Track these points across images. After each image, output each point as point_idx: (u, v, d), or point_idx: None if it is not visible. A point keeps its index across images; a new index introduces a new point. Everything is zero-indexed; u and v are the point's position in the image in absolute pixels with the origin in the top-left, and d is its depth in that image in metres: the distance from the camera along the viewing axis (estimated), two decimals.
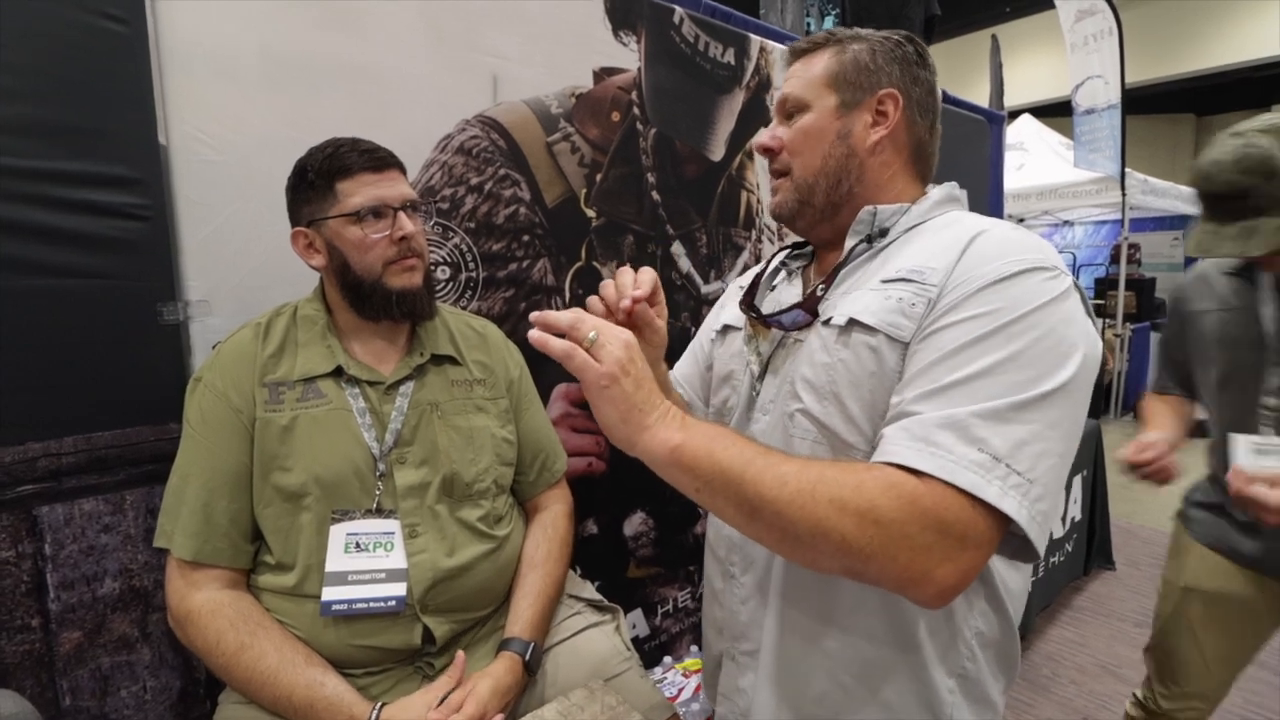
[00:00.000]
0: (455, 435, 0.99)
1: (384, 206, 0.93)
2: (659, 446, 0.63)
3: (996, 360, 0.59)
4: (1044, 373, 0.59)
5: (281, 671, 0.83)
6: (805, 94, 0.81)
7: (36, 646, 0.95)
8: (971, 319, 0.62)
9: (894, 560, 0.56)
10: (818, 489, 0.58)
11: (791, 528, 0.58)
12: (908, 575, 0.57)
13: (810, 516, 0.57)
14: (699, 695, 1.64)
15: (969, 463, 0.56)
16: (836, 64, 0.80)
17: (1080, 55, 4.69)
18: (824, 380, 0.73)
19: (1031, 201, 5.90)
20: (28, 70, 0.92)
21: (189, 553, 0.86)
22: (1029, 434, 0.58)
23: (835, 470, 0.59)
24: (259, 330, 0.95)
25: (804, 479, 0.58)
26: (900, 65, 0.80)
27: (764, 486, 0.59)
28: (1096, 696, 2.04)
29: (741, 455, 0.61)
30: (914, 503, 0.56)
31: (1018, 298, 0.61)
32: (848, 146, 0.80)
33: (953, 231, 0.72)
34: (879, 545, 0.56)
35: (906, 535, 0.56)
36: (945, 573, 0.56)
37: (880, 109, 0.79)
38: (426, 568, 0.92)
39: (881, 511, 0.56)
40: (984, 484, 0.56)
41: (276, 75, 1.13)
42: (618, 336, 0.64)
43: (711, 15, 1.81)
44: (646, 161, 1.69)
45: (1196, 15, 7.60)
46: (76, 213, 0.97)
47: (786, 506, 0.58)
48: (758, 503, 0.59)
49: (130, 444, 1.02)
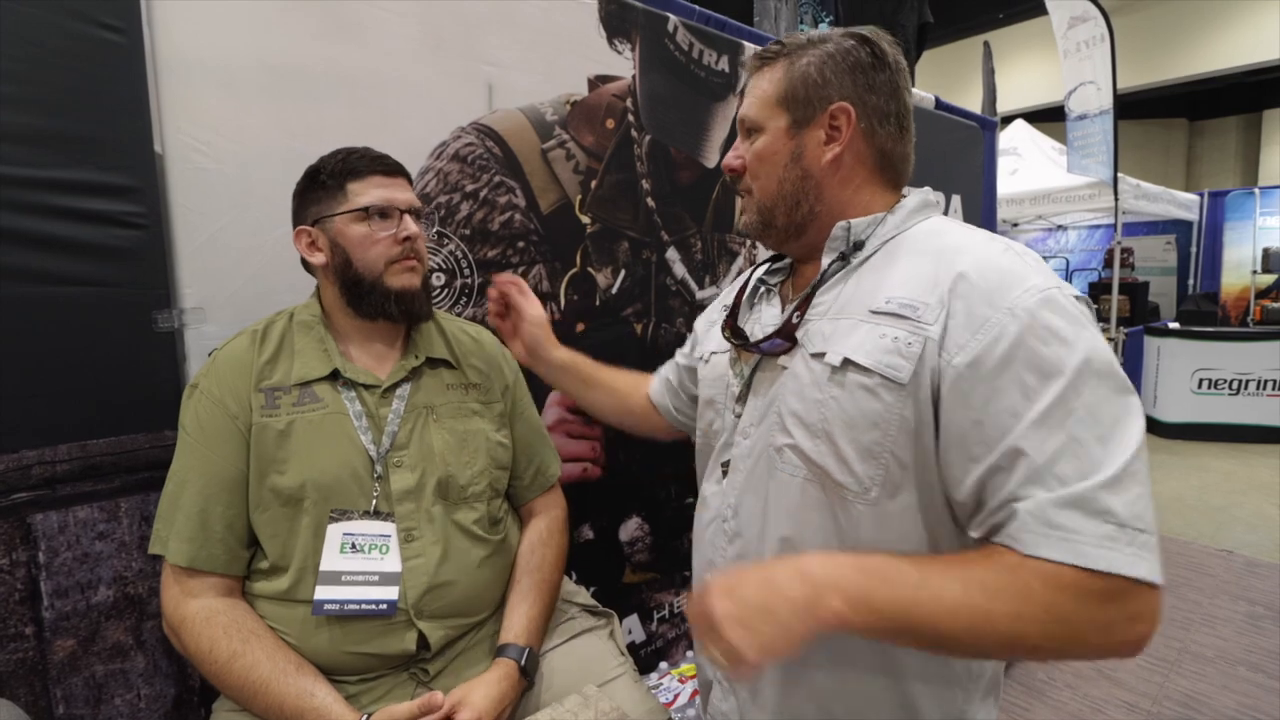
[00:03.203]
0: (450, 438, 1.00)
1: (391, 207, 0.95)
2: (831, 621, 0.60)
3: (1079, 421, 0.60)
4: (1120, 414, 0.61)
5: (273, 681, 0.83)
6: (759, 115, 0.80)
7: (30, 654, 0.95)
8: (1025, 383, 0.61)
9: (1085, 645, 0.58)
10: (991, 609, 0.58)
11: (978, 648, 0.61)
12: (1102, 652, 0.58)
13: (994, 636, 0.58)
14: (694, 701, 1.64)
15: (1100, 539, 0.57)
16: (786, 81, 0.78)
17: (1073, 61, 4.72)
18: (816, 418, 0.72)
19: (1025, 206, 5.92)
20: (24, 79, 0.93)
21: (184, 559, 0.86)
22: (1136, 483, 0.59)
23: (990, 577, 0.59)
24: (255, 337, 0.95)
25: (972, 602, 0.58)
26: (852, 74, 0.77)
27: (940, 627, 0.59)
28: (1091, 700, 2.04)
29: (897, 598, 0.60)
30: (1080, 589, 0.57)
31: (1058, 347, 0.61)
32: (801, 168, 0.78)
33: (935, 254, 0.72)
34: (1068, 640, 0.57)
35: (1087, 620, 0.57)
36: (1134, 633, 0.58)
37: (833, 124, 0.77)
38: (421, 572, 0.92)
39: (1059, 609, 0.57)
40: (1118, 558, 0.57)
41: (272, 84, 1.13)
42: (715, 622, 0.59)
43: (705, 23, 1.83)
44: (641, 168, 1.70)
45: (1189, 20, 7.67)
46: (72, 221, 0.97)
47: (968, 636, 0.58)
48: (938, 641, 0.60)
49: (125, 451, 1.02)
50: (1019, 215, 6.16)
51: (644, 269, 1.73)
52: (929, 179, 0.84)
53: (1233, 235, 7.28)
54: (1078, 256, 8.27)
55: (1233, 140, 10.54)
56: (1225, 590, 2.72)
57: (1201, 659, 2.25)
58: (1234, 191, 7.45)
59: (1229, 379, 4.97)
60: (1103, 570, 0.56)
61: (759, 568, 0.64)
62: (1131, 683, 2.12)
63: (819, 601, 0.59)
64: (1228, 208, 7.31)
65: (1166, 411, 5.15)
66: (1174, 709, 1.99)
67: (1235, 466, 4.39)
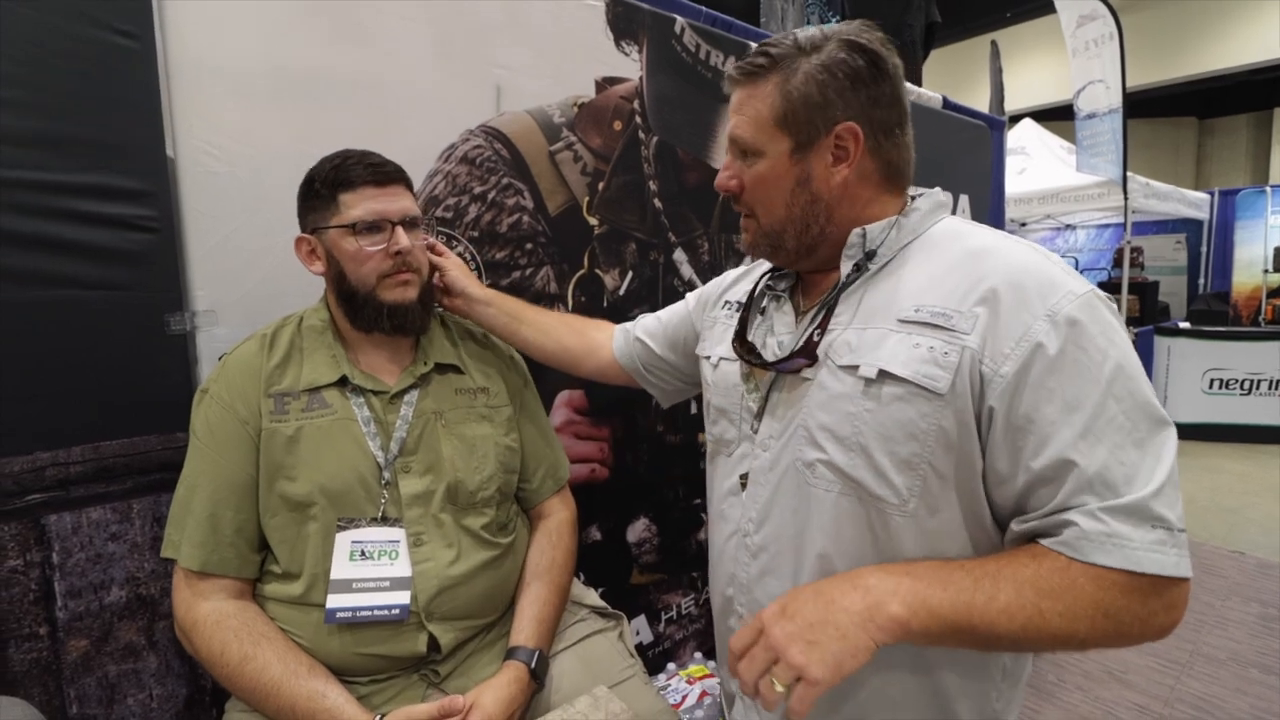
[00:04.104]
0: (459, 444, 1.00)
1: (381, 220, 0.94)
2: (893, 630, 0.61)
3: (1119, 429, 0.62)
4: (1155, 417, 0.63)
5: (284, 683, 0.83)
6: (755, 139, 0.76)
7: (44, 654, 0.96)
8: (1070, 392, 0.63)
9: (1127, 635, 0.62)
10: (1043, 607, 0.60)
11: (1031, 645, 0.63)
12: (1140, 639, 0.62)
13: (1047, 634, 0.60)
14: (703, 702, 1.64)
15: (1151, 544, 0.60)
16: (784, 101, 0.74)
17: (1082, 60, 4.69)
18: (849, 430, 0.72)
19: (1033, 206, 5.89)
20: (37, 83, 0.93)
21: (196, 563, 0.87)
22: (1176, 488, 0.63)
23: (1042, 578, 0.61)
24: (264, 341, 0.96)
25: (1024, 603, 0.60)
26: (854, 89, 0.73)
27: (996, 627, 0.61)
28: (1102, 702, 2.03)
29: (955, 601, 0.61)
30: (1127, 589, 0.60)
31: (1097, 354, 0.63)
32: (810, 192, 0.76)
33: (960, 258, 0.71)
34: (1113, 632, 0.61)
35: (1132, 614, 0.60)
36: (1170, 619, 0.62)
37: (840, 145, 0.74)
38: (431, 576, 0.93)
39: (1107, 606, 0.60)
40: (1167, 560, 0.60)
41: (283, 88, 1.14)
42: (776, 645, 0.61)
43: (712, 24, 1.82)
44: (648, 170, 1.70)
45: (1198, 18, 7.61)
46: (84, 224, 0.98)
47: (1022, 634, 0.60)
48: (992, 640, 0.62)
49: (138, 453, 1.03)
50: (1027, 215, 6.13)
51: (651, 270, 1.73)
52: (937, 179, 0.82)
53: (1244, 234, 7.22)
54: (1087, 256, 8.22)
55: (1243, 138, 10.46)
56: (1237, 592, 2.70)
57: (1214, 661, 2.23)
58: (1245, 190, 7.39)
59: (1240, 379, 4.93)
60: (1153, 573, 0.60)
61: (810, 586, 0.65)
62: (1143, 685, 2.11)
63: (879, 609, 0.61)
64: (1238, 206, 7.25)
65: (1177, 412, 5.11)
66: (1186, 711, 1.98)
67: (1249, 468, 4.36)
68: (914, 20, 2.89)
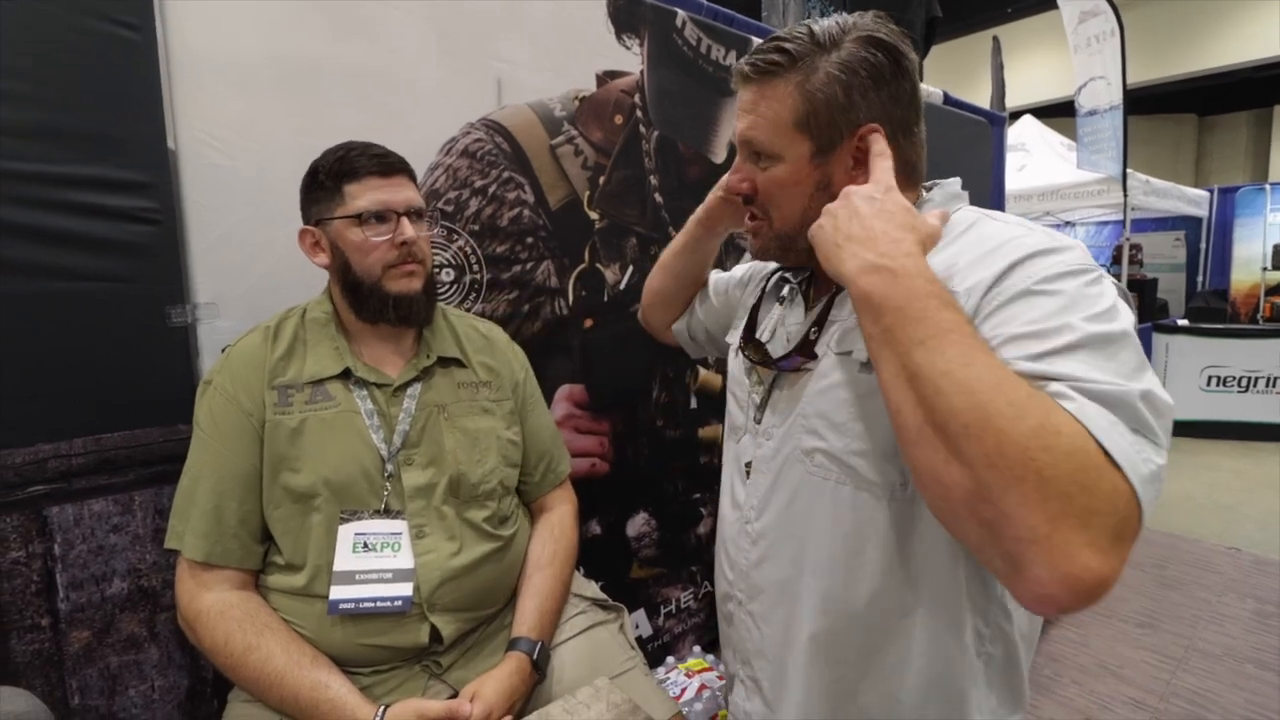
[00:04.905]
0: (462, 437, 1.00)
1: (387, 211, 0.94)
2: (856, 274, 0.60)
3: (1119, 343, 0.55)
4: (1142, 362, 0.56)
5: (288, 673, 0.83)
6: (773, 143, 0.73)
7: (46, 645, 0.96)
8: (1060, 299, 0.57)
9: (1042, 504, 0.46)
10: (1003, 383, 0.50)
11: (946, 409, 0.51)
12: (1047, 531, 0.46)
13: (978, 406, 0.49)
14: (701, 696, 1.65)
15: (1140, 455, 0.49)
16: (805, 103, 0.70)
17: (1083, 57, 4.69)
18: (845, 416, 0.71)
19: (1033, 202, 5.89)
20: (38, 75, 0.93)
21: (200, 554, 0.87)
22: (1167, 432, 0.53)
23: (1026, 384, 0.51)
24: (268, 333, 0.96)
25: (990, 368, 0.51)
26: (876, 90, 0.70)
27: (945, 357, 0.52)
28: (1098, 697, 2.04)
29: (941, 320, 0.55)
30: (1089, 459, 0.47)
31: (1089, 289, 0.58)
32: (830, 196, 0.71)
33: (965, 246, 0.67)
34: (1034, 476, 0.47)
35: (1071, 485, 0.46)
36: (1089, 556, 0.46)
37: (860, 147, 0.71)
38: (434, 567, 0.93)
39: (1058, 441, 0.47)
40: (1145, 481, 0.49)
41: (284, 80, 1.14)
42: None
43: (713, 18, 1.82)
44: (649, 164, 1.70)
45: (1199, 15, 7.60)
46: (86, 216, 0.98)
47: (956, 385, 0.51)
48: (926, 370, 0.53)
49: (139, 445, 1.03)
50: (1027, 211, 6.12)
51: (652, 264, 1.73)
52: (937, 174, 0.81)
53: (1243, 231, 7.23)
54: None
55: (1243, 136, 10.47)
56: (1233, 588, 2.71)
57: (1209, 656, 2.24)
58: (1244, 187, 7.40)
59: (1238, 376, 4.94)
60: (1137, 490, 0.48)
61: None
62: (1138, 679, 2.12)
63: (906, 237, 0.61)
64: (1238, 204, 7.26)
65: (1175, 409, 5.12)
66: (1181, 706, 1.99)
67: (1245, 465, 4.37)
68: (915, 16, 2.88)
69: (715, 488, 1.94)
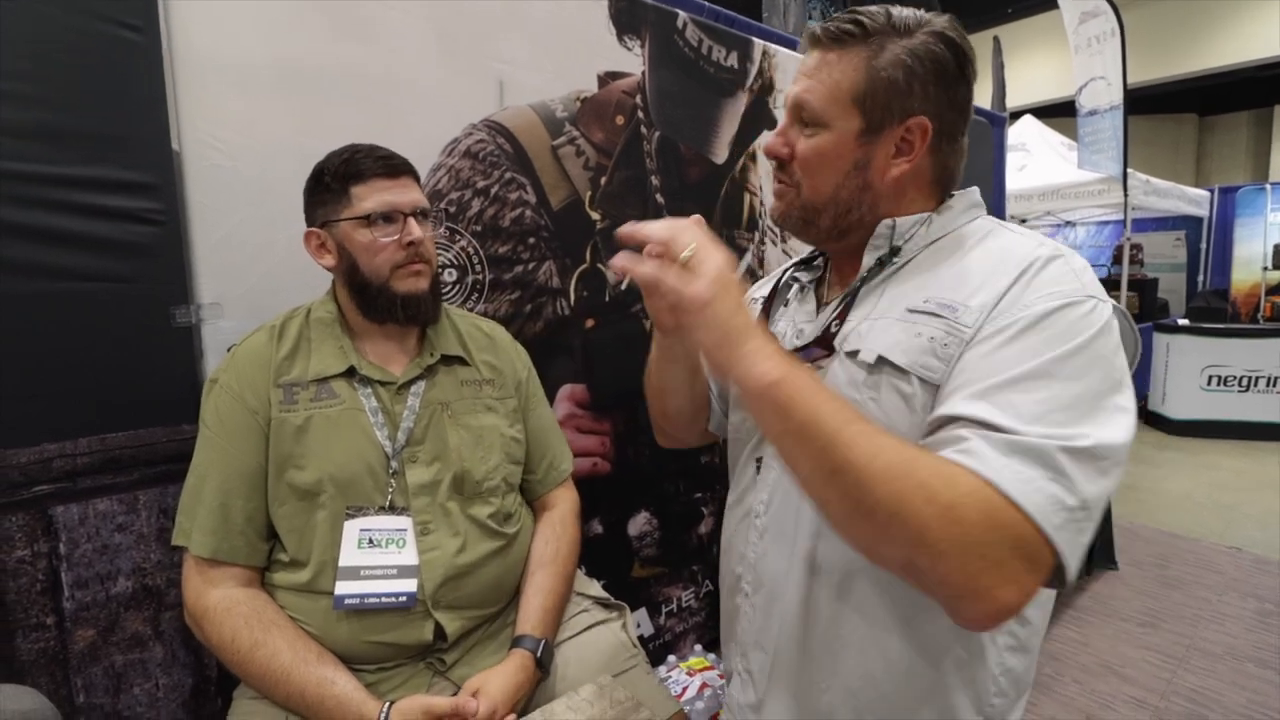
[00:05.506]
0: (465, 434, 1.01)
1: (394, 211, 0.94)
2: (756, 379, 0.59)
3: (1068, 390, 0.58)
4: (1109, 390, 0.59)
5: (294, 669, 0.84)
6: (825, 110, 0.72)
7: (51, 644, 0.97)
8: (1028, 346, 0.60)
9: (964, 566, 0.53)
10: (912, 471, 0.54)
11: (869, 501, 0.55)
12: (972, 586, 0.54)
13: (895, 496, 0.54)
14: (703, 694, 1.65)
15: (1050, 499, 0.54)
16: (866, 80, 0.70)
17: (1084, 57, 4.69)
18: None
19: (1034, 202, 5.89)
20: (43, 77, 0.94)
21: (207, 551, 0.88)
22: (1103, 473, 0.57)
23: (928, 459, 0.56)
24: (273, 332, 0.97)
25: (899, 457, 0.55)
26: (936, 84, 0.70)
27: (856, 451, 0.55)
28: (1099, 696, 2.04)
29: (840, 413, 0.57)
30: (996, 516, 0.53)
31: (1068, 330, 0.60)
32: (864, 179, 0.72)
33: (982, 256, 0.69)
34: (955, 546, 0.53)
35: (984, 544, 0.53)
36: (1007, 593, 0.54)
37: (906, 138, 0.71)
38: (438, 564, 0.94)
39: (967, 513, 0.53)
40: (1059, 525, 0.54)
41: (287, 82, 1.14)
42: (715, 255, 0.61)
43: (715, 19, 1.83)
44: (651, 164, 1.70)
45: (1199, 15, 7.60)
46: (90, 217, 0.98)
47: (872, 479, 0.55)
48: (844, 466, 0.56)
49: (144, 444, 1.04)
50: (1028, 211, 6.13)
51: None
52: None
53: (1243, 231, 7.23)
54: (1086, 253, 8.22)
55: (1243, 135, 10.46)
56: (1234, 587, 2.71)
57: (1210, 655, 2.24)
58: (1245, 187, 7.39)
59: (1239, 376, 4.94)
60: (1041, 527, 0.53)
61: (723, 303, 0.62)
62: (1139, 678, 2.12)
63: (763, 352, 0.60)
64: (1238, 203, 7.26)
65: (1175, 409, 5.13)
66: (1182, 705, 1.99)
67: (1246, 464, 4.37)
68: None
69: (716, 487, 1.94)
